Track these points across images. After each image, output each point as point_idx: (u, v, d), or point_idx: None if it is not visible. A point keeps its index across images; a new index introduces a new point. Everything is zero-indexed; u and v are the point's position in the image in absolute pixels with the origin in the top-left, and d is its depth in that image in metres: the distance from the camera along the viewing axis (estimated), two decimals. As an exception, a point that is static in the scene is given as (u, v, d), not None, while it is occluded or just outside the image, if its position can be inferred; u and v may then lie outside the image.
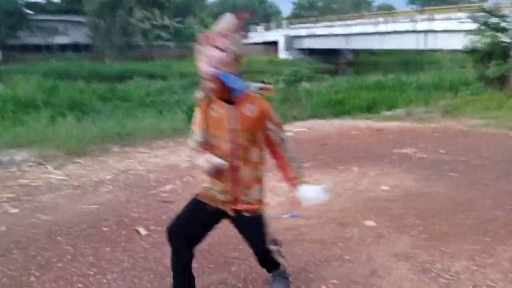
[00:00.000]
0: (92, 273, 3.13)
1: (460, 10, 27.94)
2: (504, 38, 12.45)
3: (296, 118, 10.17)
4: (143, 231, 3.78)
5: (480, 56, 13.19)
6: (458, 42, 24.50)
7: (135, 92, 12.39)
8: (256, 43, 45.16)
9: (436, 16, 28.68)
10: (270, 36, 44.67)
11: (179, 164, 5.98)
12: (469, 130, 8.13)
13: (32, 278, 3.04)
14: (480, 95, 11.98)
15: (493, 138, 7.41)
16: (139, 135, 7.44)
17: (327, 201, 2.53)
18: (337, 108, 11.52)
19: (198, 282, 3.00)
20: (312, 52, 40.71)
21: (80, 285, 2.96)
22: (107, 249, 3.48)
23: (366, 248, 3.56)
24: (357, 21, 35.82)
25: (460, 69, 15.65)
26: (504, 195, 4.67)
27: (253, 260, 3.32)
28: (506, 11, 13.21)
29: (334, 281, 3.07)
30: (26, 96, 10.47)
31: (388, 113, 10.74)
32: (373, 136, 7.69)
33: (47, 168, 5.70)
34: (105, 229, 3.86)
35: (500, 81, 12.47)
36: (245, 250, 3.46)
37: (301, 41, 41.31)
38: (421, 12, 31.17)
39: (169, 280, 2.67)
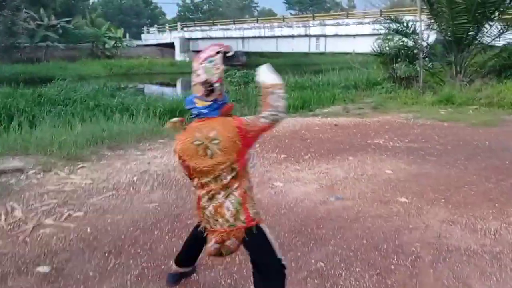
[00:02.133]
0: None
1: (348, 17, 30.78)
2: (409, 42, 14.31)
3: (246, 117, 10.73)
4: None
5: (387, 58, 14.95)
6: (347, 45, 27.29)
7: (68, 96, 11.80)
8: (150, 45, 44.44)
9: (327, 22, 31.11)
10: (164, 38, 44.22)
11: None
12: (408, 122, 9.43)
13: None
14: (394, 93, 13.64)
15: (434, 127, 8.75)
16: (120, 139, 7.38)
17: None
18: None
19: (313, 255, 3.49)
20: (208, 54, 41.28)
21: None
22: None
23: (418, 218, 4.31)
24: (252, 25, 37.20)
25: (367, 70, 17.43)
26: (482, 171, 5.79)
27: (345, 237, 3.88)
28: (407, 18, 15.17)
29: (417, 244, 3.76)
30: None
31: (326, 110, 11.78)
32: (336, 130, 8.56)
33: (58, 174, 5.54)
34: (189, 221, 4.08)
35: (408, 80, 14.33)
36: (330, 228, 4.01)
37: (197, 43, 41.57)
38: (313, 18, 33.49)
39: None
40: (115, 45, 41.11)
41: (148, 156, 6.61)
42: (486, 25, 13.45)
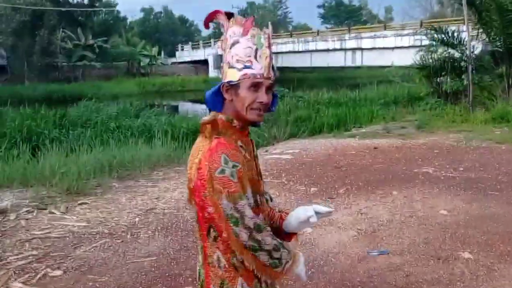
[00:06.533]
0: None
1: (385, 29, 29.55)
2: (456, 54, 13.10)
3: (276, 139, 9.90)
4: None
5: (431, 71, 13.74)
6: (385, 59, 26.04)
7: (90, 117, 11.34)
8: (184, 62, 44.47)
9: (363, 34, 29.98)
10: (198, 55, 44.16)
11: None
12: (460, 145, 8.25)
13: None
14: (440, 109, 12.42)
15: (492, 151, 7.57)
16: (133, 167, 6.64)
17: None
18: (306, 126, 11.34)
19: None
20: (241, 70, 40.88)
21: None
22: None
23: (489, 284, 3.28)
24: (286, 39, 36.48)
25: (408, 85, 16.24)
26: None
27: None
28: (452, 28, 13.96)
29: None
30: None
31: (364, 129, 10.75)
32: (376, 155, 7.53)
33: (54, 213, 4.80)
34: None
35: (455, 95, 13.10)
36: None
37: (230, 59, 41.32)
38: (349, 31, 32.43)
39: None
40: (149, 63, 41.40)
41: (159, 187, 5.81)
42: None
